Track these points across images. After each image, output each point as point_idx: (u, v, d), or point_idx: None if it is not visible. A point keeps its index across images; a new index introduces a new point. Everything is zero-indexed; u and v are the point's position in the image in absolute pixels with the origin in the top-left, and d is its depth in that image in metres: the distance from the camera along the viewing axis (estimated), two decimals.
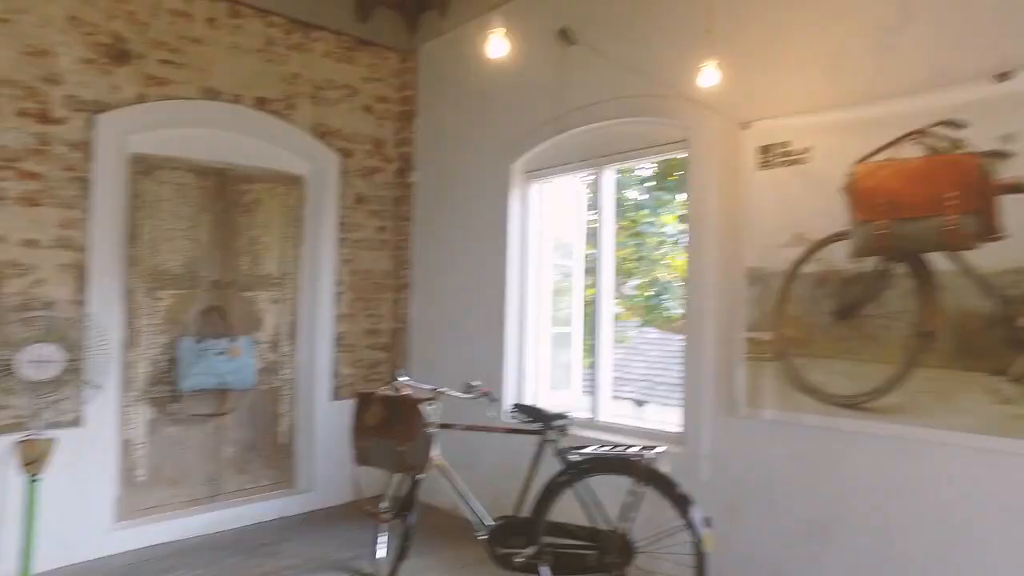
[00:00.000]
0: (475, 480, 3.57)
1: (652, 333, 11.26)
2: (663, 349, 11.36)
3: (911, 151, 2.90)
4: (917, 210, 2.87)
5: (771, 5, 3.36)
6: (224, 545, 4.21)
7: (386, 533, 3.70)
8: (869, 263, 3.03)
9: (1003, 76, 2.65)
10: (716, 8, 3.28)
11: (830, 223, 3.13)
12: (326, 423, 4.91)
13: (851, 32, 3.10)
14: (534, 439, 3.28)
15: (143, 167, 4.24)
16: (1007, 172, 2.63)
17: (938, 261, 2.83)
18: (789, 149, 3.28)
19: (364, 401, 3.44)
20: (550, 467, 3.20)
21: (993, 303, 2.68)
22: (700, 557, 2.83)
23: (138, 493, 4.21)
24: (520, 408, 3.35)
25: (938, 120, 2.81)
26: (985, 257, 2.69)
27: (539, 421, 3.26)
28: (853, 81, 3.08)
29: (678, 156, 3.97)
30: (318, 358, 4.96)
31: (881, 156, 2.98)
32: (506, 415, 3.86)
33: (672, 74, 3.64)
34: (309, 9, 4.87)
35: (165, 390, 4.31)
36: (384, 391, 3.43)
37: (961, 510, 2.75)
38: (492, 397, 3.54)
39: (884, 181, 2.96)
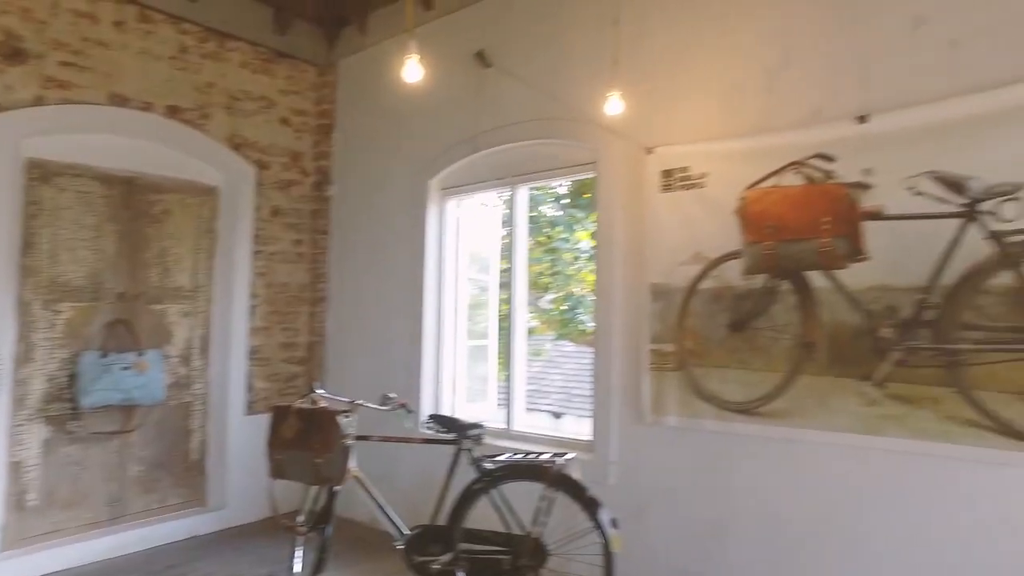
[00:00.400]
0: (392, 491, 3.62)
1: (568, 346, 11.56)
2: (579, 362, 11.67)
3: (792, 179, 3.22)
4: (798, 233, 3.18)
5: (672, 43, 3.63)
6: (128, 569, 4.06)
7: (302, 547, 3.69)
8: (758, 280, 3.31)
9: (863, 119, 3.00)
10: (623, 42, 3.53)
11: (725, 243, 3.40)
12: (240, 438, 4.82)
13: (742, 72, 3.41)
14: (450, 449, 3.38)
15: (40, 173, 4.05)
16: (868, 201, 2.98)
17: (816, 279, 3.14)
18: (688, 174, 3.55)
19: (280, 414, 3.42)
20: (466, 476, 3.31)
21: (860, 316, 3.01)
22: (608, 557, 3.00)
23: (29, 519, 3.98)
24: (436, 419, 3.45)
25: (813, 153, 3.14)
26: (853, 276, 3.02)
27: (455, 431, 3.36)
28: (744, 115, 3.39)
29: (588, 177, 4.19)
30: (232, 372, 4.87)
31: (768, 183, 3.28)
32: (423, 426, 3.94)
33: (582, 100, 3.86)
34: (224, 19, 4.82)
35: (64, 407, 4.12)
36: (301, 404, 3.44)
37: (838, 500, 3.06)
38: (409, 409, 3.61)
39: (770, 206, 3.27)
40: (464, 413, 4.54)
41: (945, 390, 2.80)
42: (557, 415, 11.37)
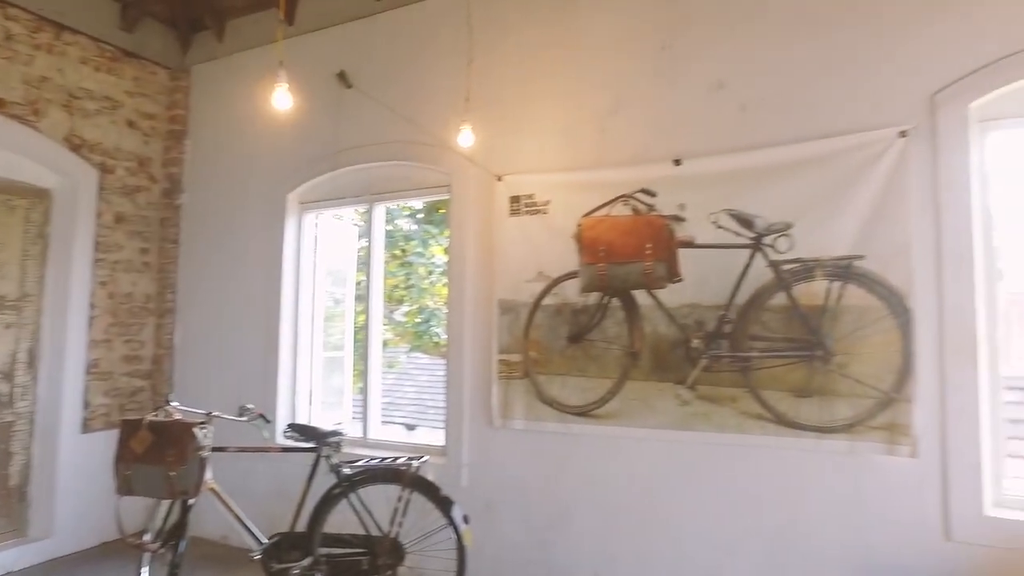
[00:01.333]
0: (248, 502, 3.65)
1: (422, 359, 11.74)
2: (432, 374, 11.88)
3: (622, 210, 3.70)
4: (626, 257, 3.67)
5: (520, 84, 4.02)
6: None
7: (148, 566, 3.60)
8: (593, 297, 3.76)
9: (677, 162, 3.56)
10: (475, 79, 3.87)
11: (564, 264, 3.82)
12: (72, 459, 4.53)
13: (579, 114, 3.86)
14: (308, 457, 3.49)
15: None
16: (682, 232, 3.53)
17: (641, 297, 3.64)
18: (534, 200, 3.94)
19: (130, 428, 3.35)
20: (324, 482, 3.44)
21: (676, 330, 3.54)
22: (461, 551, 3.27)
23: None
24: (295, 428, 3.54)
25: (639, 188, 3.64)
26: (670, 295, 3.55)
27: (314, 439, 3.48)
28: (581, 151, 3.84)
29: (443, 198, 4.47)
30: (65, 388, 4.57)
31: (601, 212, 3.75)
32: (280, 436, 4.00)
33: (438, 127, 4.15)
34: (61, 9, 4.54)
35: None
36: (153, 417, 3.39)
37: (660, 486, 3.55)
38: (267, 419, 3.67)
39: (603, 232, 3.73)
40: (323, 422, 4.62)
41: (740, 391, 3.37)
42: (411, 427, 11.48)
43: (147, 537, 3.48)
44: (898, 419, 3.04)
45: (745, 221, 3.39)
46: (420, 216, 8.81)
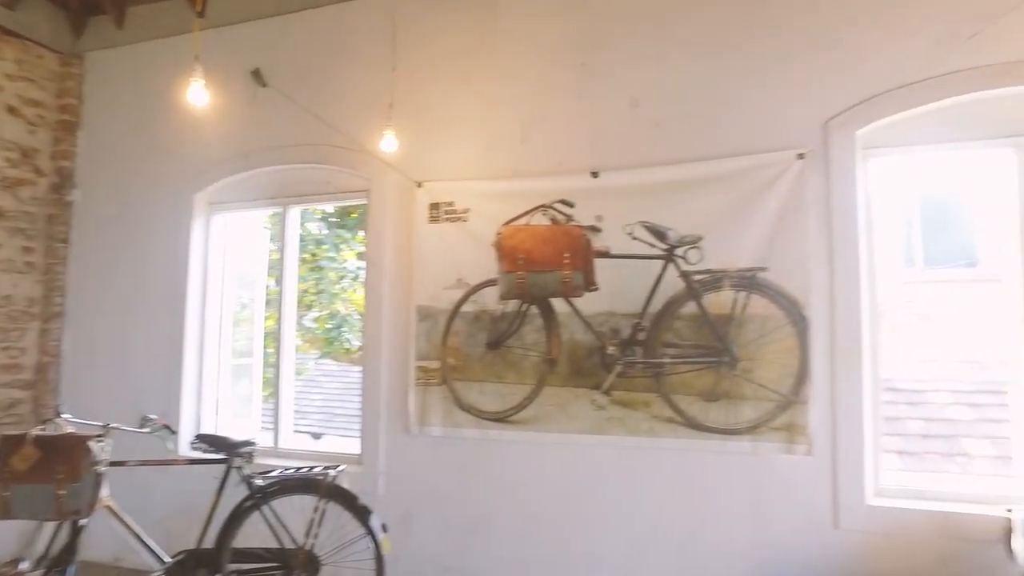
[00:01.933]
0: (148, 520, 3.46)
1: (330, 365, 11.42)
2: (341, 381, 11.58)
3: (541, 219, 3.78)
4: (544, 265, 3.74)
5: (443, 92, 4.03)
6: None
7: None
8: (512, 304, 3.81)
9: (595, 174, 3.68)
10: (399, 85, 3.84)
11: (484, 271, 3.85)
12: None
13: (501, 125, 3.91)
14: (217, 469, 3.34)
15: None
16: (599, 242, 3.64)
17: (559, 305, 3.72)
18: (454, 208, 3.96)
19: (10, 444, 3.09)
20: (235, 495, 3.30)
21: (592, 337, 3.65)
22: (379, 560, 3.23)
23: None
24: (204, 438, 3.38)
25: (557, 199, 3.73)
26: (586, 303, 3.65)
27: (224, 450, 3.34)
28: (502, 161, 3.89)
29: (360, 203, 4.40)
30: None
31: (520, 221, 3.81)
32: (187, 447, 3.80)
33: (358, 131, 4.08)
34: None
35: None
36: (40, 431, 3.14)
37: (576, 490, 3.64)
38: (172, 430, 3.48)
39: (522, 241, 3.79)
40: (232, 431, 4.42)
41: (653, 395, 3.52)
42: (317, 436, 11.15)
43: (24, 565, 3.22)
44: (796, 420, 3.28)
45: (658, 233, 3.55)
46: (332, 220, 8.60)
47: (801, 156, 3.34)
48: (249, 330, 4.87)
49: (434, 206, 3.98)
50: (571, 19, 3.83)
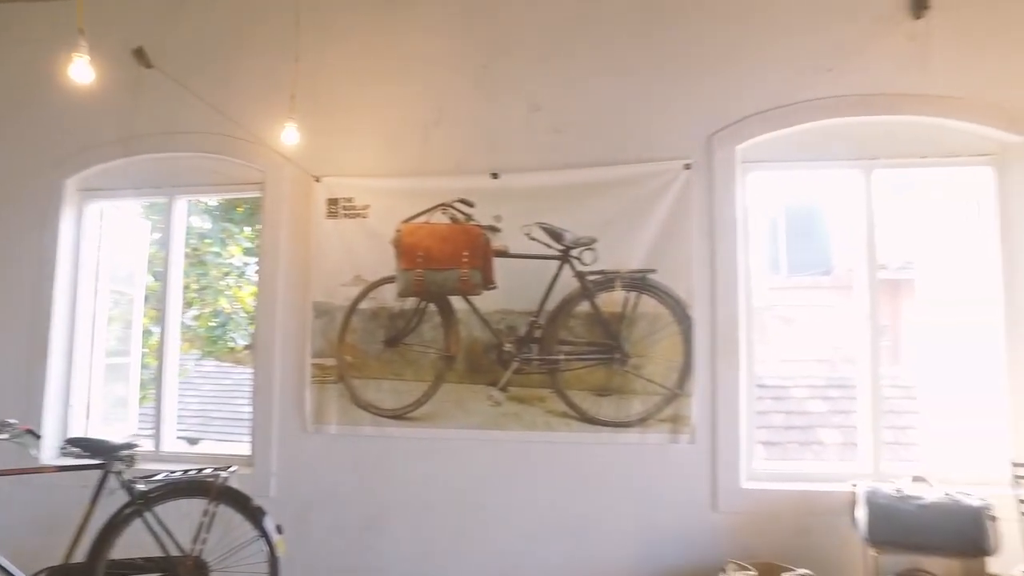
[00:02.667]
0: (3, 536, 3.17)
1: (209, 367, 10.85)
2: (220, 383, 11.02)
3: (440, 218, 3.81)
4: (443, 263, 3.78)
5: (347, 86, 3.97)
6: None
7: None
8: (410, 302, 3.82)
9: (495, 175, 3.77)
10: (300, 77, 3.74)
11: (382, 268, 3.83)
12: None
13: (403, 122, 3.91)
14: (87, 477, 3.11)
15: None
16: (497, 241, 3.73)
17: (457, 302, 3.77)
18: (353, 204, 3.91)
19: None
20: (112, 503, 3.10)
21: (489, 334, 3.73)
22: (273, 563, 3.13)
23: None
24: (77, 442, 3.15)
25: (458, 198, 3.79)
26: (484, 301, 3.73)
27: (101, 454, 3.12)
28: (403, 158, 3.90)
29: (254, 196, 4.25)
30: None
31: (420, 219, 3.83)
32: (54, 453, 3.52)
33: (254, 121, 3.93)
34: None
35: None
36: None
37: (474, 485, 3.70)
38: (36, 434, 3.21)
39: (421, 239, 3.81)
40: (110, 435, 4.12)
41: (548, 391, 3.65)
42: (193, 441, 10.53)
43: None
44: (680, 412, 3.52)
45: (555, 234, 3.69)
46: (216, 214, 8.16)
47: (688, 166, 3.60)
48: (127, 328, 4.56)
49: (332, 201, 3.92)
50: (475, 23, 3.91)
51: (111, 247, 4.42)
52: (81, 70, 2.51)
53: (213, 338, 8.69)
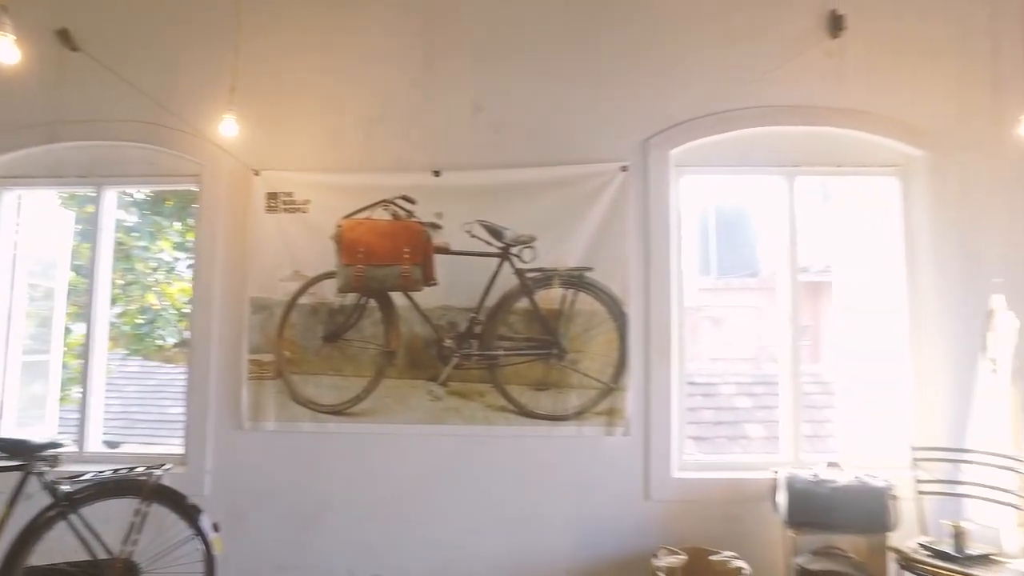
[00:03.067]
0: None
1: (133, 367, 10.40)
2: (144, 383, 10.58)
3: (382, 214, 3.82)
4: (384, 259, 3.79)
5: (288, 79, 3.92)
6: None
7: None
8: (351, 298, 3.81)
9: (437, 173, 3.81)
10: (241, 69, 3.67)
11: (322, 264, 3.81)
12: None
13: (346, 117, 3.90)
14: (13, 476, 2.98)
15: None
16: (438, 238, 3.78)
17: (398, 298, 3.79)
18: (293, 199, 3.87)
19: None
20: (33, 504, 2.97)
21: (430, 330, 3.76)
22: (209, 562, 3.07)
23: None
24: None
25: (399, 195, 3.81)
26: (425, 297, 3.77)
27: (22, 454, 2.99)
28: (345, 154, 3.89)
29: (189, 188, 4.14)
30: None
31: (362, 215, 3.83)
32: None
33: (190, 111, 3.84)
34: None
35: None
36: None
37: (415, 480, 3.73)
38: None
39: (362, 235, 3.81)
40: (29, 434, 3.93)
41: (487, 386, 3.72)
42: (113, 445, 10.08)
43: None
44: (615, 405, 3.65)
45: (495, 232, 3.76)
46: (145, 207, 7.83)
47: (624, 168, 3.74)
48: (44, 325, 4.35)
49: (272, 195, 3.87)
50: (419, 21, 3.93)
51: (30, 238, 4.21)
52: (5, 50, 2.40)
53: (140, 336, 8.35)
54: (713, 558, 3.29)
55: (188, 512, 3.08)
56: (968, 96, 3.74)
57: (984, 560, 2.98)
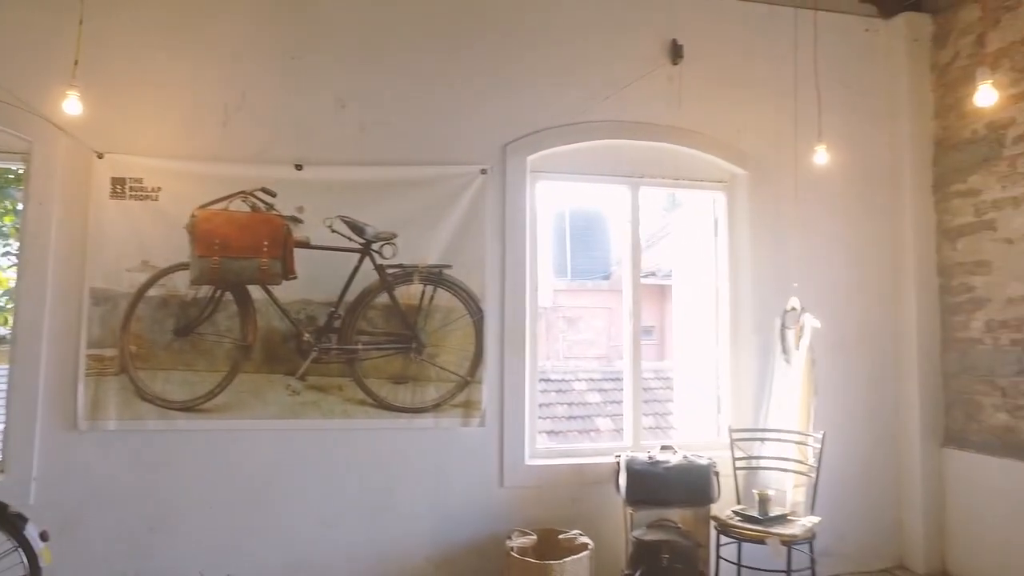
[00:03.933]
0: None
1: None
2: None
3: (240, 205, 3.73)
4: (242, 252, 3.71)
5: (140, 56, 3.70)
6: None
7: None
8: (205, 290, 3.69)
9: (299, 167, 3.79)
10: (85, 41, 3.40)
11: (174, 254, 3.66)
12: None
13: (203, 102, 3.76)
14: None
15: None
16: (299, 232, 3.76)
17: (255, 292, 3.72)
18: (142, 185, 3.67)
19: None
20: None
21: (288, 324, 3.73)
22: (36, 574, 2.85)
23: None
24: None
25: (259, 187, 3.74)
26: (284, 291, 3.73)
27: None
28: (201, 141, 3.74)
29: (16, 167, 3.81)
30: None
31: (219, 206, 3.72)
32: None
33: (21, 83, 3.52)
34: None
35: None
36: None
37: (271, 476, 3.68)
38: None
39: (219, 226, 3.70)
40: None
41: (346, 380, 3.75)
42: None
43: None
44: (472, 397, 3.83)
45: (357, 228, 3.81)
46: None
47: (484, 171, 3.94)
48: None
49: (118, 181, 3.65)
50: (285, 14, 3.89)
51: None
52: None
53: None
54: (562, 536, 3.57)
55: (11, 521, 2.82)
56: (780, 126, 4.33)
57: (781, 519, 3.58)
